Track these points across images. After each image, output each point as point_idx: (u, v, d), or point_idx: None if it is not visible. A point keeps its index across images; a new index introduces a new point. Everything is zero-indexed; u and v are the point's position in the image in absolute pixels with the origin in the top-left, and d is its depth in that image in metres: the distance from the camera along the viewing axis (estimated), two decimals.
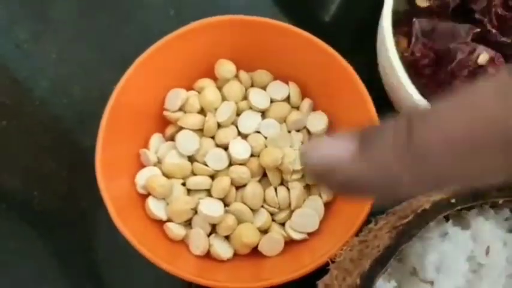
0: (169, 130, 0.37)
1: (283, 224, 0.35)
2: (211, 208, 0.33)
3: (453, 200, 0.26)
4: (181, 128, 0.36)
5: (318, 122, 0.36)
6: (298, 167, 0.34)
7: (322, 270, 0.29)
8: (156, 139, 0.36)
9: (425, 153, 0.15)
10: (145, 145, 0.36)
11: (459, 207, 0.26)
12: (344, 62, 0.35)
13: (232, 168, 0.34)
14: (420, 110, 0.17)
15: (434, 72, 0.36)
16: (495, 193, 0.27)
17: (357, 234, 0.30)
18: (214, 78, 0.38)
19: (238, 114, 0.37)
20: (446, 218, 0.27)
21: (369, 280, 0.24)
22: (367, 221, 0.31)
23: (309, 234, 0.34)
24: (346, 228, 0.32)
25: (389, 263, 0.24)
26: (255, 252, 0.34)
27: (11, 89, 0.43)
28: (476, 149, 0.15)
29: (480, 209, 0.27)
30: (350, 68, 0.34)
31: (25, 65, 0.44)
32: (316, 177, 0.18)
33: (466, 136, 0.15)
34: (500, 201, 0.27)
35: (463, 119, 0.15)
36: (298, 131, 0.37)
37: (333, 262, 0.28)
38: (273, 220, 0.35)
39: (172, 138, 0.36)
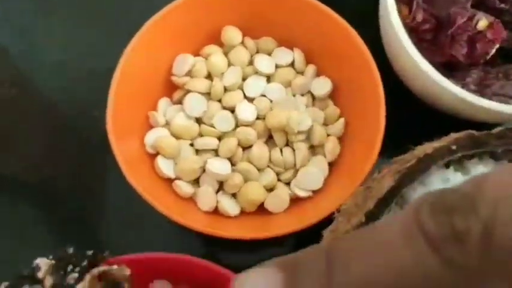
0: (177, 94, 0.38)
1: (288, 184, 0.36)
2: (218, 166, 0.34)
3: (454, 147, 0.27)
4: (188, 92, 0.37)
5: (322, 86, 0.37)
6: (303, 128, 0.35)
7: (327, 222, 0.30)
8: (164, 102, 0.37)
9: None
10: (154, 108, 0.37)
11: (460, 154, 0.27)
12: (347, 26, 0.36)
13: (239, 129, 0.35)
14: (338, 245, 0.17)
15: (435, 37, 0.37)
16: (494, 141, 0.28)
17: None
18: (221, 45, 0.39)
19: (244, 79, 0.38)
20: (447, 165, 0.28)
21: (373, 218, 0.25)
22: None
23: (314, 192, 0.35)
24: (349, 185, 0.33)
25: (393, 202, 0.25)
26: (261, 209, 0.35)
27: (21, 63, 0.44)
28: None
29: (480, 158, 0.28)
30: (354, 32, 0.35)
31: (34, 43, 0.44)
32: None
33: (378, 283, 0.16)
34: (500, 150, 0.28)
35: (374, 264, 0.16)
36: (302, 95, 0.38)
37: (338, 212, 0.29)
38: (279, 180, 0.36)
39: (179, 103, 0.37)
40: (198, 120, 0.36)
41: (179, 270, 0.30)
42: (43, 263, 0.26)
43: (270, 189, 0.35)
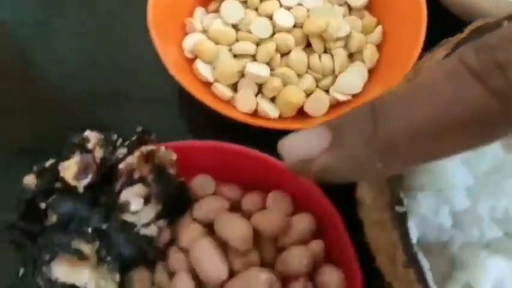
0: (213, 5, 0.37)
1: (327, 91, 0.35)
2: (258, 69, 0.34)
3: (505, 23, 0.27)
4: (223, 1, 0.36)
5: None
6: (341, 34, 0.35)
7: None
8: (200, 12, 0.37)
9: (391, 141, 0.16)
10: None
11: None
12: None
13: (277, 35, 0.35)
14: (383, 98, 0.17)
15: None
16: None
17: None
18: None
19: None
20: None
21: None
22: None
23: (353, 96, 0.35)
24: (389, 87, 0.32)
25: None
26: (300, 114, 0.35)
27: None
28: (439, 132, 0.16)
29: None
30: None
31: None
32: (294, 168, 0.18)
33: (427, 121, 0.16)
34: None
35: (422, 104, 0.16)
36: (340, 5, 0.37)
37: None
38: (317, 87, 0.35)
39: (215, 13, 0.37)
40: (235, 28, 0.36)
41: (225, 159, 0.30)
42: (92, 136, 0.26)
43: (308, 95, 0.35)
